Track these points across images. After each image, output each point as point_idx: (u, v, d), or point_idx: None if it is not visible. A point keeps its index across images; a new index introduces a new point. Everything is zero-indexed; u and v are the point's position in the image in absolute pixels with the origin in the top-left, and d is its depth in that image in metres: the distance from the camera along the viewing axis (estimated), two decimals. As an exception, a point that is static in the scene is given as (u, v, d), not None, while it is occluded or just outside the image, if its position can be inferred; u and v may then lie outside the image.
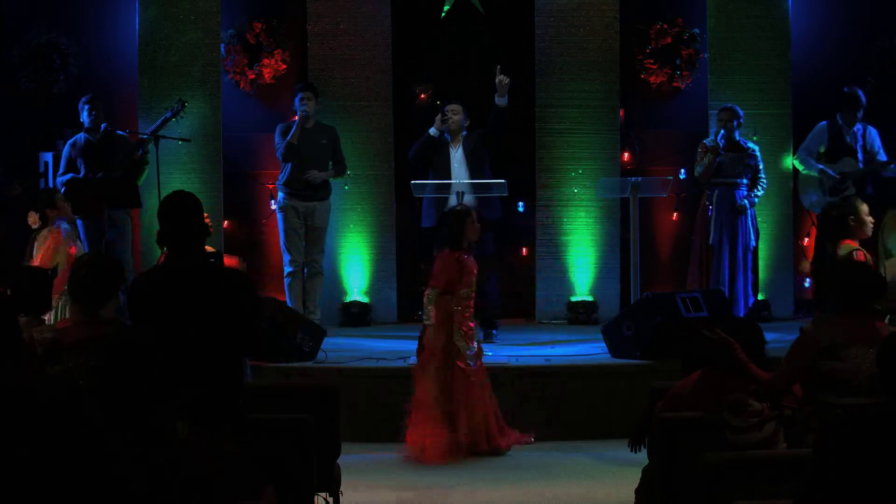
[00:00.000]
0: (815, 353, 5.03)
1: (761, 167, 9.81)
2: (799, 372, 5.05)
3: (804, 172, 10.10)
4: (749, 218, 9.77)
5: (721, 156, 9.67)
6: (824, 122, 10.05)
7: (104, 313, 5.10)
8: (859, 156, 9.93)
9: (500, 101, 9.25)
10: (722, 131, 9.72)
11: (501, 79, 9.19)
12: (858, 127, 9.97)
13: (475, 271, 7.68)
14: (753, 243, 9.81)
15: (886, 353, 3.75)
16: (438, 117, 9.39)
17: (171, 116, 9.57)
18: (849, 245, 7.77)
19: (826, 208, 8.76)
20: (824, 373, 5.01)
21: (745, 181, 9.76)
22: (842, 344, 5.01)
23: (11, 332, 4.22)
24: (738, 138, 9.76)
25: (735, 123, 9.72)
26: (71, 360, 4.88)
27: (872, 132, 9.98)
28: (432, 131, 9.42)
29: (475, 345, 7.63)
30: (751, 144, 9.85)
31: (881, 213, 8.50)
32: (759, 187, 9.82)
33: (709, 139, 9.84)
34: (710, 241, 9.70)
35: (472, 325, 7.64)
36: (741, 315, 9.47)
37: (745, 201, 9.72)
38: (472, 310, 7.70)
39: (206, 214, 6.70)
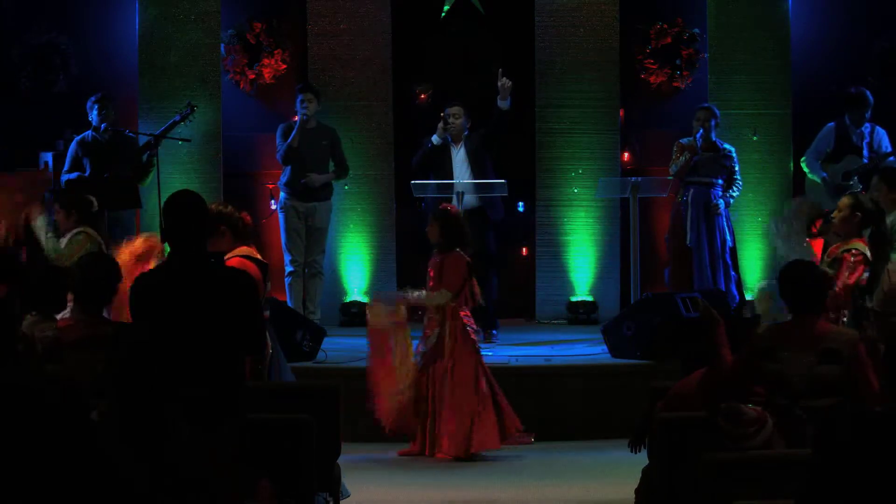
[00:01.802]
0: (751, 353, 5.06)
1: (737, 168, 9.79)
2: (740, 368, 5.07)
3: (810, 176, 10.05)
4: (724, 218, 9.74)
5: (698, 155, 9.64)
6: (831, 124, 9.97)
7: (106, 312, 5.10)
8: (864, 153, 9.86)
9: (503, 104, 9.24)
10: (700, 130, 9.68)
11: (504, 82, 9.18)
12: (867, 126, 9.88)
13: (430, 273, 7.72)
14: (730, 243, 9.78)
15: (889, 353, 3.75)
16: (440, 125, 9.33)
17: (180, 120, 9.52)
18: None
19: None
20: (763, 373, 5.04)
21: (720, 181, 9.72)
22: (777, 346, 5.04)
23: (10, 331, 4.22)
24: (714, 138, 9.73)
25: (713, 123, 9.68)
26: (71, 358, 4.88)
27: (880, 132, 9.87)
28: (435, 139, 9.36)
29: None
30: (727, 146, 9.81)
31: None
32: (735, 188, 9.78)
33: (685, 138, 9.79)
34: (689, 243, 9.66)
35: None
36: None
37: (720, 201, 9.70)
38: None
39: (244, 213, 6.71)
